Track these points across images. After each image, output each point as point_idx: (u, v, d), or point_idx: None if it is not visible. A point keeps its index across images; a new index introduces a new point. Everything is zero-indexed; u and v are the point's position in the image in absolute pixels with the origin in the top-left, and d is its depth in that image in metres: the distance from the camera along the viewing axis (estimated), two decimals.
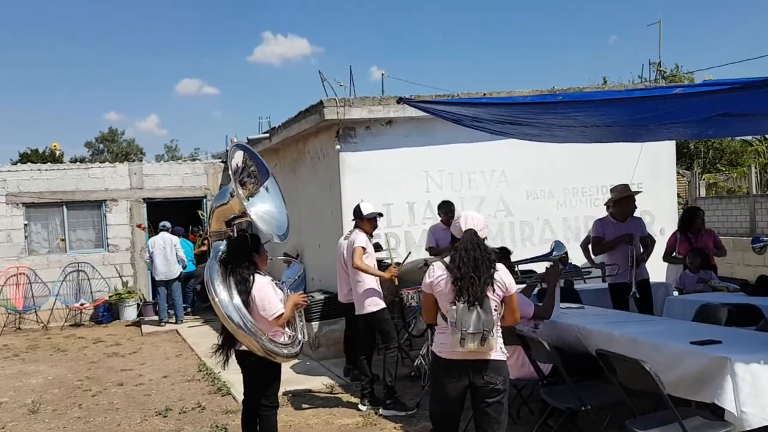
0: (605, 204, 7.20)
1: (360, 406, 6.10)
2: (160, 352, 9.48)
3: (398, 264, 6.67)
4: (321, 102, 8.16)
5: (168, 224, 11.97)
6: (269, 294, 4.32)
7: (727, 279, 7.54)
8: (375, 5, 68.06)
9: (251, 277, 4.31)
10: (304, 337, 4.62)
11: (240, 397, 6.82)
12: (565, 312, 5.22)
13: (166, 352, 9.50)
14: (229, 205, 4.42)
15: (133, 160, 25.67)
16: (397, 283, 6.35)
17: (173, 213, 14.95)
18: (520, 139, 7.01)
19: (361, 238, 6.06)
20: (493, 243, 9.04)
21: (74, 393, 7.37)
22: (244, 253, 4.38)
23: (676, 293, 7.23)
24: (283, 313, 4.34)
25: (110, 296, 12.65)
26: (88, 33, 61.28)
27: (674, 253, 7.45)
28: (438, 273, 3.71)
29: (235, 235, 4.65)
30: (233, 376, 7.60)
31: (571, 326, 4.76)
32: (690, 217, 7.52)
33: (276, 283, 4.53)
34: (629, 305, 6.77)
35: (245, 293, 4.26)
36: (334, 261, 7.20)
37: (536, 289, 5.50)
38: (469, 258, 3.61)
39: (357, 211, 6.22)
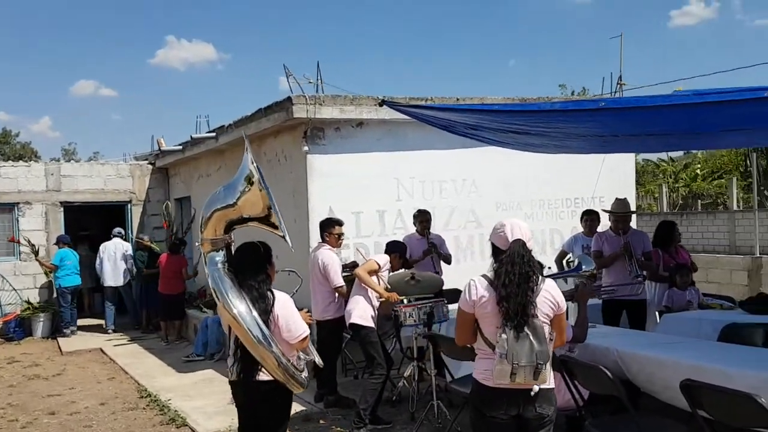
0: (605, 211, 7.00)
1: None
2: (89, 375, 8.38)
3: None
4: (289, 98, 7.43)
5: (122, 230, 11.78)
6: (294, 312, 3.65)
7: (709, 296, 7.39)
8: (282, 14, 67.49)
9: (270, 293, 3.61)
10: (319, 361, 3.94)
11: (199, 428, 6.02)
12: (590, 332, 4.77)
13: (95, 374, 8.41)
14: (238, 207, 3.69)
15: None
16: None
17: (93, 219, 13.76)
18: (517, 150, 6.59)
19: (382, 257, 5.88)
20: (463, 255, 8.68)
21: None
22: (259, 265, 3.67)
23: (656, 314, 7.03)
24: (308, 334, 3.66)
25: (23, 310, 11.24)
26: None
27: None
28: (482, 292, 3.21)
29: (233, 241, 3.93)
30: (185, 403, 6.77)
31: (609, 350, 4.32)
32: (668, 232, 7.34)
33: None
34: (620, 324, 6.53)
35: (266, 312, 3.54)
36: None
37: None
38: (516, 274, 3.12)
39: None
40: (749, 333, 4.65)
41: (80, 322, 11.61)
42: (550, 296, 3.20)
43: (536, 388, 3.10)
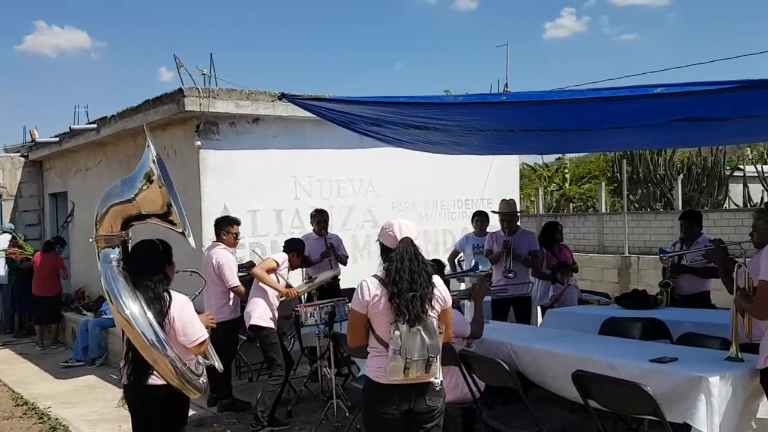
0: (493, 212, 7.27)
1: None
2: None
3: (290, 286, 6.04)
4: (181, 90, 7.16)
5: (12, 225, 11.19)
6: (192, 315, 3.50)
7: (587, 292, 7.89)
8: (162, 4, 65.06)
9: (167, 294, 3.46)
10: (219, 365, 3.83)
11: None
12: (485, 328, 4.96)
13: None
14: (136, 202, 3.53)
15: None
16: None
17: None
18: (416, 149, 6.70)
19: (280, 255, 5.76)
20: (360, 255, 8.74)
21: None
22: (157, 264, 3.51)
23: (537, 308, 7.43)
24: (207, 338, 3.54)
25: None
26: None
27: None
28: (374, 291, 3.22)
29: (130, 238, 3.75)
30: (66, 411, 6.40)
31: (503, 344, 4.51)
32: (551, 231, 7.76)
33: None
34: (507, 319, 6.85)
35: (161, 314, 3.39)
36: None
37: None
38: (406, 270, 3.17)
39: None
40: (627, 327, 4.99)
41: None
42: (437, 292, 3.27)
43: (437, 381, 3.20)
